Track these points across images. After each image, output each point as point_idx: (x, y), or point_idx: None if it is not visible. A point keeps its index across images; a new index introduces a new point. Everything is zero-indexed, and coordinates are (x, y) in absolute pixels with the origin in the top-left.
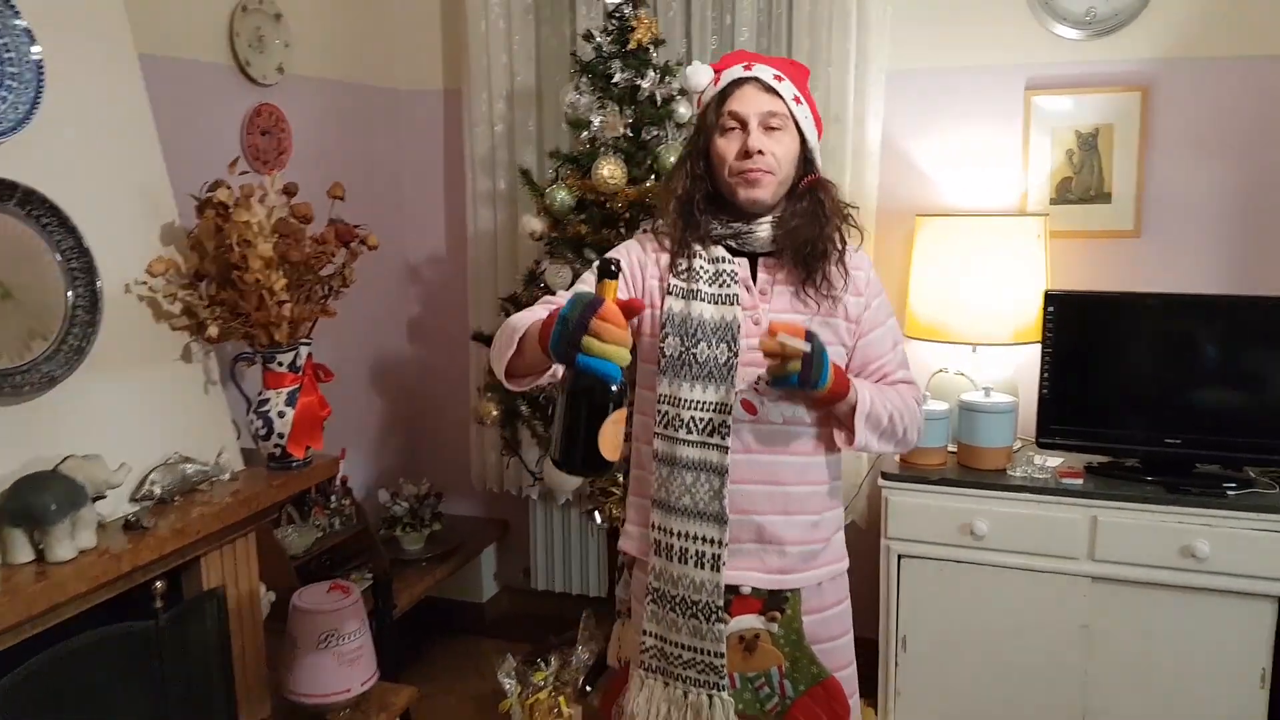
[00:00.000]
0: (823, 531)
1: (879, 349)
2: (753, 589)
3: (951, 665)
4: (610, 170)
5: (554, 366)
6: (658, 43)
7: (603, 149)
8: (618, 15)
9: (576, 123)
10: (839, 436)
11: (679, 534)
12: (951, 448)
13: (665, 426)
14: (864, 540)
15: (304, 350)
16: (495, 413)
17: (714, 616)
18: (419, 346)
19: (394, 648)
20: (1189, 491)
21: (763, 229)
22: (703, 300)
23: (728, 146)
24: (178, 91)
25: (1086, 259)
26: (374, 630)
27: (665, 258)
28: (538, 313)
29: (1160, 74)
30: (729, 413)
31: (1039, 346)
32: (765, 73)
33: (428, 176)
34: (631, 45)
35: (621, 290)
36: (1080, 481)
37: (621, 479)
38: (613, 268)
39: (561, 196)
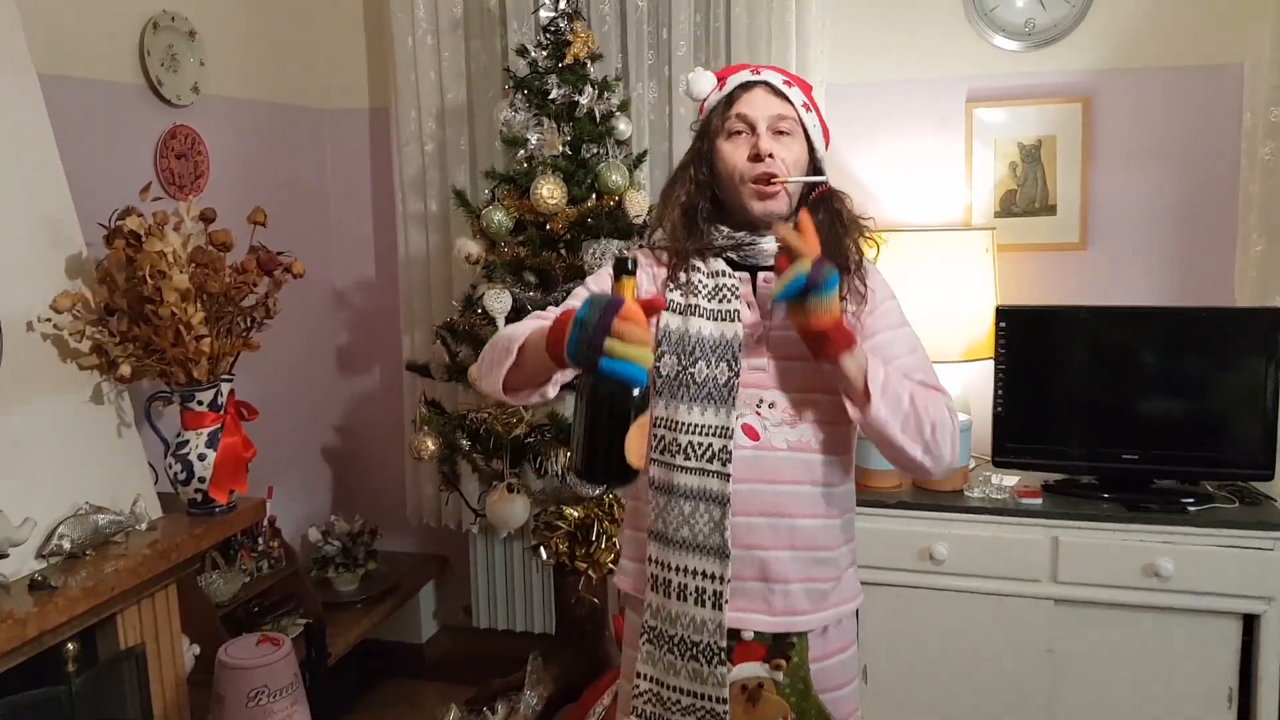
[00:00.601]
0: (832, 569)
1: (891, 351)
2: (755, 634)
3: (915, 694)
4: (549, 190)
5: (556, 377)
6: (594, 57)
7: (540, 168)
8: (553, 29)
9: (512, 141)
10: (851, 410)
11: (677, 568)
12: None
13: (662, 452)
14: None
15: (225, 387)
16: (433, 447)
17: (716, 659)
18: (350, 377)
19: (329, 696)
20: (1149, 508)
21: (767, 241)
22: (701, 316)
23: (735, 151)
24: (85, 114)
25: (1033, 272)
26: (307, 681)
27: (662, 273)
28: (532, 324)
29: (1100, 85)
30: (730, 437)
31: (990, 363)
32: (774, 78)
33: (355, 199)
34: (568, 60)
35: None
36: (1040, 501)
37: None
38: (629, 265)
39: (499, 218)
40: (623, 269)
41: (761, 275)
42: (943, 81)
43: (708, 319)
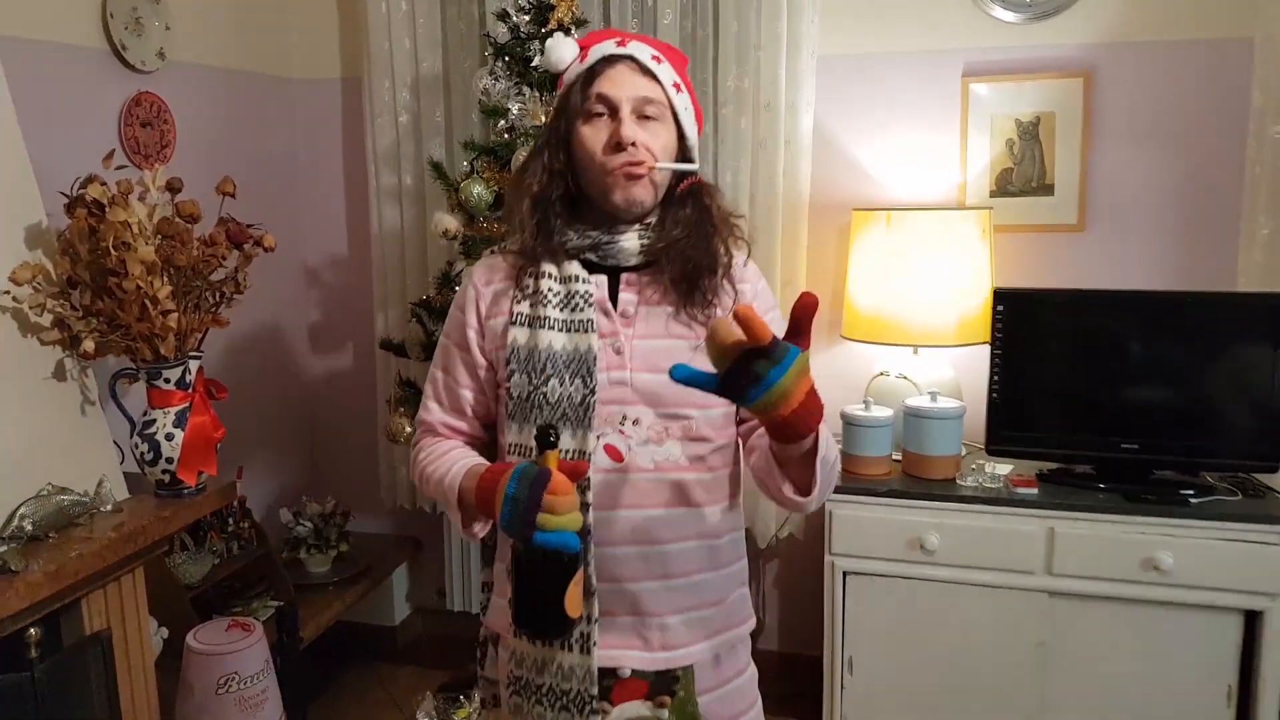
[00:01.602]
0: (713, 594)
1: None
2: (633, 671)
3: (901, 687)
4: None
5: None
6: (579, 23)
7: (522, 139)
8: None
9: (492, 110)
10: (786, 487)
11: None
12: (896, 456)
13: None
14: (805, 553)
15: (194, 365)
16: (409, 429)
17: (587, 708)
18: (321, 355)
19: (301, 680)
20: (1148, 500)
21: (628, 239)
22: (551, 328)
23: (594, 136)
24: (46, 78)
25: (1029, 254)
26: (278, 665)
27: (505, 286)
28: (449, 466)
29: (1102, 59)
30: (589, 460)
31: (983, 347)
32: (642, 51)
33: (326, 172)
34: (551, 25)
35: (475, 349)
36: (1035, 491)
37: None
38: (550, 437)
39: (478, 191)
40: (545, 442)
41: (623, 279)
42: (938, 55)
43: (559, 330)
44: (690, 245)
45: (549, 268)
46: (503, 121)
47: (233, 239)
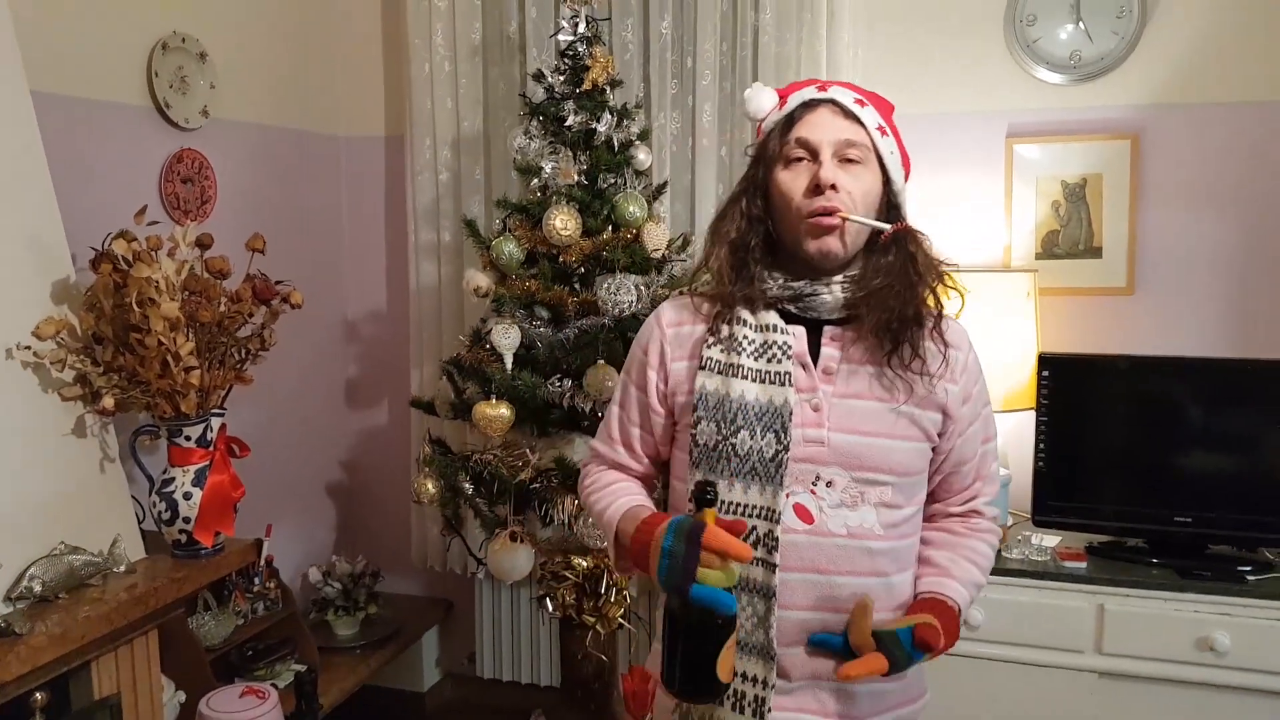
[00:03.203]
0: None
1: (969, 450)
2: None
3: None
4: (563, 221)
5: None
6: (614, 83)
7: (555, 198)
8: (571, 53)
9: (526, 169)
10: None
11: None
12: None
13: None
14: None
15: (215, 422)
16: (433, 490)
17: None
18: (358, 412)
19: None
20: (1203, 576)
21: (831, 291)
22: (745, 377)
23: (793, 181)
24: (89, 135)
25: (1076, 318)
26: None
27: (699, 329)
28: (610, 500)
29: (1150, 121)
30: (777, 520)
31: (1030, 414)
32: (844, 96)
33: (368, 228)
34: (586, 85)
35: (653, 391)
36: (1084, 565)
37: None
38: (709, 494)
39: (509, 249)
40: (704, 499)
41: (826, 333)
42: (982, 115)
43: (753, 381)
44: (892, 294)
45: (745, 314)
46: (536, 180)
47: (259, 296)
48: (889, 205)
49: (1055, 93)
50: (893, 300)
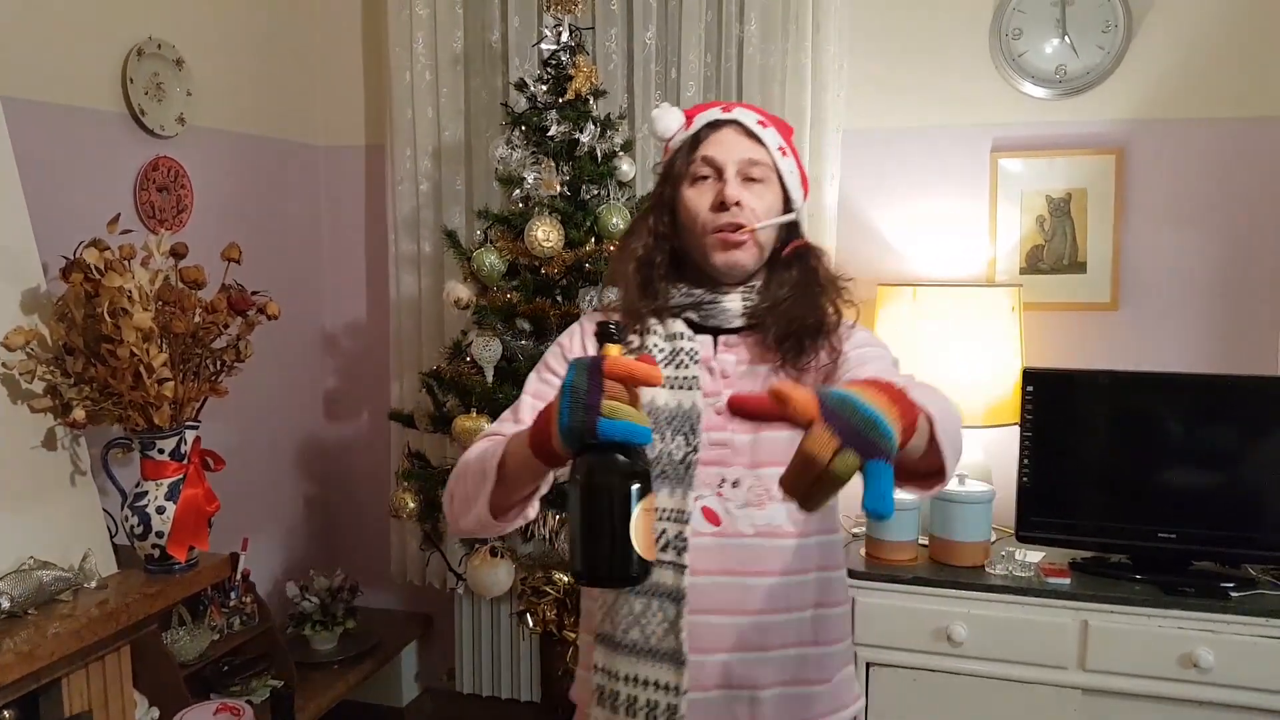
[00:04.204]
0: (815, 671)
1: (855, 361)
2: None
3: None
4: (545, 232)
5: (543, 485)
6: (598, 93)
7: (537, 209)
8: (554, 63)
9: (508, 180)
10: (909, 487)
11: (625, 678)
12: (923, 541)
13: None
14: None
15: (190, 435)
16: (413, 505)
17: None
18: (336, 424)
19: None
20: (1187, 592)
21: (731, 300)
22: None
23: (699, 198)
24: (60, 142)
25: (1060, 333)
26: None
27: None
28: (491, 441)
29: (1135, 136)
30: (686, 522)
31: (1013, 429)
32: (747, 117)
33: (348, 239)
34: (569, 95)
35: None
36: (1067, 581)
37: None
38: (613, 329)
39: (491, 260)
40: (606, 335)
41: (721, 340)
42: (966, 129)
43: (664, 387)
44: (795, 305)
45: (654, 324)
46: (517, 191)
47: (234, 307)
48: (789, 222)
49: (1040, 107)
50: (795, 310)
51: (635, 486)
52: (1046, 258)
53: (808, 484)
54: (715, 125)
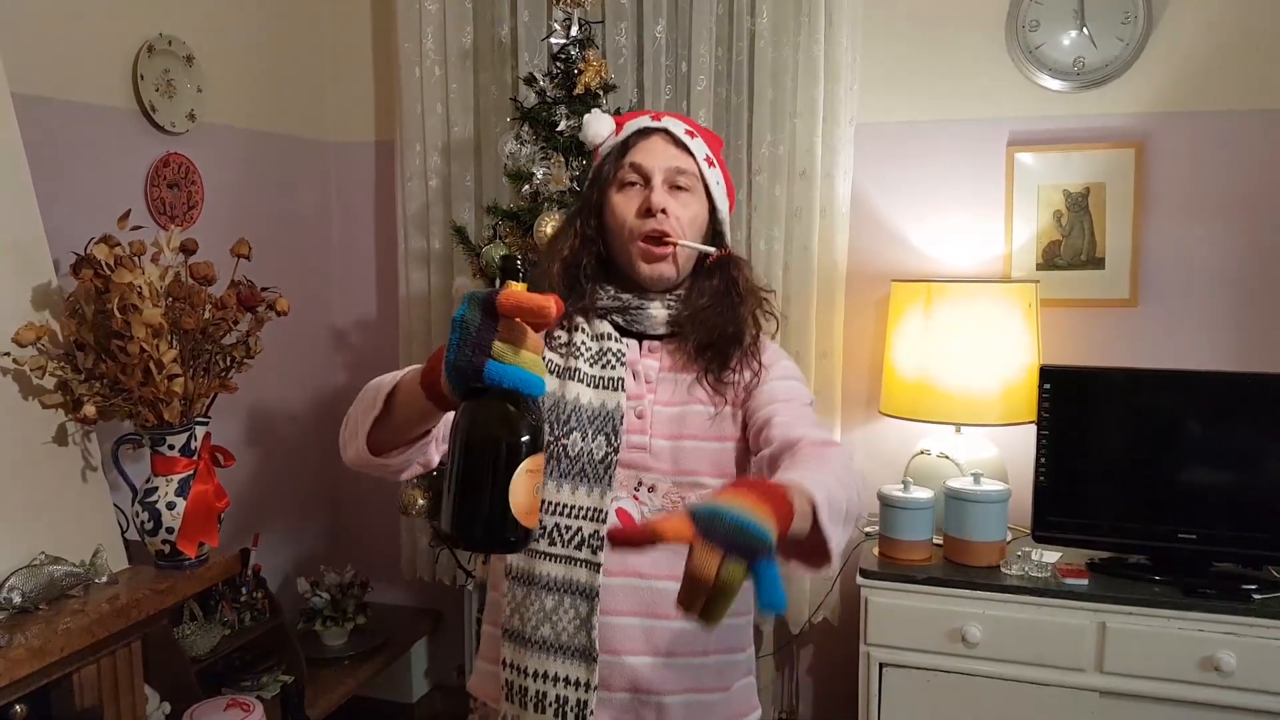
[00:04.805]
0: (716, 679)
1: (769, 396)
2: None
3: None
4: (554, 227)
5: (437, 432)
6: (608, 88)
7: (546, 204)
8: (563, 57)
9: (517, 175)
10: (797, 568)
11: (535, 674)
12: (937, 540)
13: None
14: (840, 641)
15: (200, 430)
16: (422, 501)
17: None
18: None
19: None
20: (1208, 594)
21: (656, 308)
22: (581, 381)
23: (626, 204)
24: (71, 139)
25: (1078, 330)
26: None
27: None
28: (402, 372)
29: (1155, 129)
30: (603, 521)
31: (1030, 427)
32: (676, 126)
33: (358, 235)
34: (578, 89)
35: None
36: (1085, 582)
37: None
38: (517, 265)
39: (500, 256)
40: (509, 270)
41: (645, 345)
42: (982, 123)
43: (589, 385)
44: (715, 314)
45: (581, 322)
46: (527, 186)
47: (244, 303)
48: (714, 232)
49: (1058, 100)
50: (715, 319)
51: (523, 439)
52: (1064, 253)
53: (703, 600)
54: (644, 133)
